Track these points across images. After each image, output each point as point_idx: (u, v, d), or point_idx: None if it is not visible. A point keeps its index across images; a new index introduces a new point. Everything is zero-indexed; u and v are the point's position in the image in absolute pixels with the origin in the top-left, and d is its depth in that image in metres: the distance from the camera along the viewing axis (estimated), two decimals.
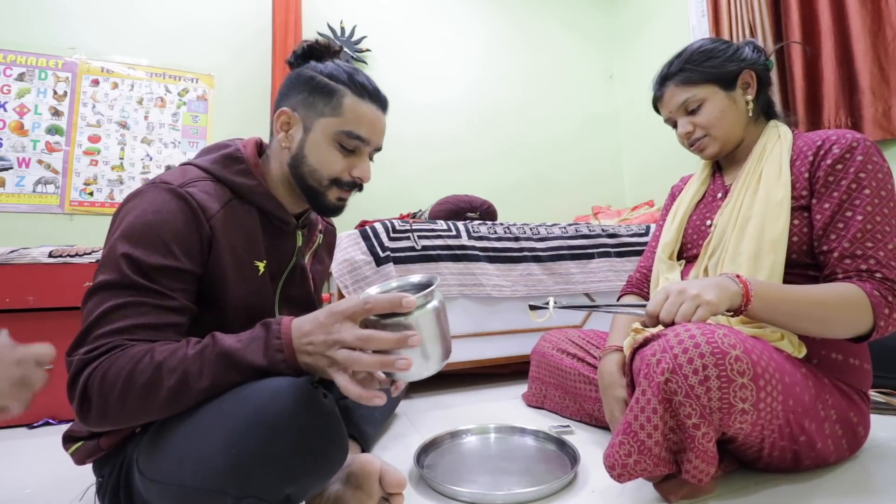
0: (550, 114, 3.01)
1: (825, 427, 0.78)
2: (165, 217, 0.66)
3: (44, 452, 1.11)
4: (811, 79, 1.91)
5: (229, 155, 0.78)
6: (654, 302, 0.75)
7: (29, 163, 1.99)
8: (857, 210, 0.80)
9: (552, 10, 3.10)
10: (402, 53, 2.70)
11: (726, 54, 0.94)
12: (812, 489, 0.77)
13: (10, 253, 1.36)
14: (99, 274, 0.63)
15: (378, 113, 0.80)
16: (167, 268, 0.64)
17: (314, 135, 0.77)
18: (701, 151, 0.98)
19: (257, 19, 2.41)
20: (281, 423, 0.54)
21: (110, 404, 0.57)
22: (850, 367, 0.84)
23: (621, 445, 0.69)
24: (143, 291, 0.62)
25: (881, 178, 0.81)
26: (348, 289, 1.44)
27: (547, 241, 1.71)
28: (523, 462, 0.93)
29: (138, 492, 0.63)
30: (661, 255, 1.05)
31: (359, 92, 0.78)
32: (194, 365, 0.57)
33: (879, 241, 0.78)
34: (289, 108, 0.78)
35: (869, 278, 0.78)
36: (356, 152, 0.79)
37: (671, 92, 0.97)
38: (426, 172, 2.66)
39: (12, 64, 2.00)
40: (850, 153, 0.82)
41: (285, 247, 0.84)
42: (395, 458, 0.97)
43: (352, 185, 0.80)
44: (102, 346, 0.59)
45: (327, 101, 0.77)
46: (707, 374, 0.65)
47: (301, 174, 0.78)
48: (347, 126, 0.77)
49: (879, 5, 1.70)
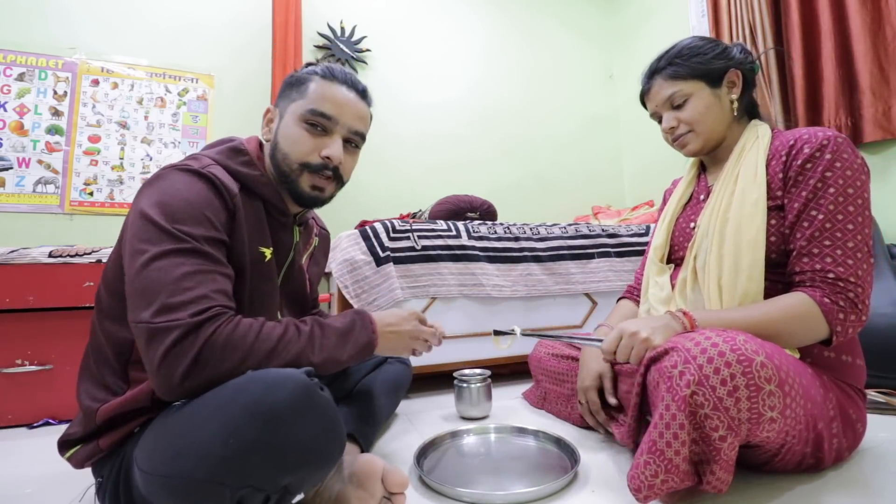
0: (550, 114, 3.01)
1: (832, 427, 0.78)
2: (199, 192, 0.69)
3: (44, 452, 1.11)
4: (811, 79, 1.91)
5: (234, 147, 0.81)
6: (609, 341, 0.81)
7: (29, 163, 1.99)
8: (821, 209, 0.80)
9: (552, 10, 3.10)
10: (402, 53, 2.70)
11: (714, 52, 0.95)
12: (813, 490, 0.77)
13: (10, 253, 1.36)
14: (148, 245, 0.63)
15: (347, 94, 0.82)
16: (213, 238, 0.67)
17: (284, 120, 0.82)
18: (683, 147, 0.99)
19: (257, 19, 2.41)
20: (279, 414, 0.54)
21: (226, 365, 0.60)
22: (843, 363, 0.84)
23: (647, 466, 0.65)
24: (206, 259, 0.65)
25: (849, 176, 0.81)
26: (348, 288, 1.44)
27: (547, 241, 1.71)
28: (523, 462, 0.93)
29: (138, 489, 0.63)
30: (653, 258, 1.06)
31: (326, 75, 0.82)
32: (311, 339, 0.68)
33: (838, 240, 0.78)
34: (272, 106, 0.86)
35: (821, 281, 0.78)
36: (326, 132, 0.81)
37: (658, 86, 0.98)
38: (426, 172, 2.66)
39: (12, 64, 2.00)
40: (820, 151, 0.82)
41: (285, 240, 0.86)
42: (395, 458, 0.97)
43: (322, 167, 0.80)
44: (206, 309, 0.61)
45: (298, 89, 0.82)
46: (736, 383, 0.62)
47: (277, 162, 0.81)
48: (311, 105, 0.79)
49: (879, 5, 1.70)
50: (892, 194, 1.70)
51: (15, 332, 1.34)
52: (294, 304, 0.93)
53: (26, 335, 1.35)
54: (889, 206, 1.69)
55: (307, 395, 0.57)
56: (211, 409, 0.56)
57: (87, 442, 0.70)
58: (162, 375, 0.59)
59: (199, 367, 0.59)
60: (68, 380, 1.36)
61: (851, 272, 0.77)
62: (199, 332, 0.59)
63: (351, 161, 0.86)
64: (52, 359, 1.37)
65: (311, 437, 0.57)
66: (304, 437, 0.56)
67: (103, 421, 0.68)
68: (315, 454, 0.59)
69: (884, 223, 1.62)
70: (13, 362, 1.33)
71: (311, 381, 0.58)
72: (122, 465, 0.68)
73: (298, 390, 0.56)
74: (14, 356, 1.34)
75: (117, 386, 0.70)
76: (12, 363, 1.33)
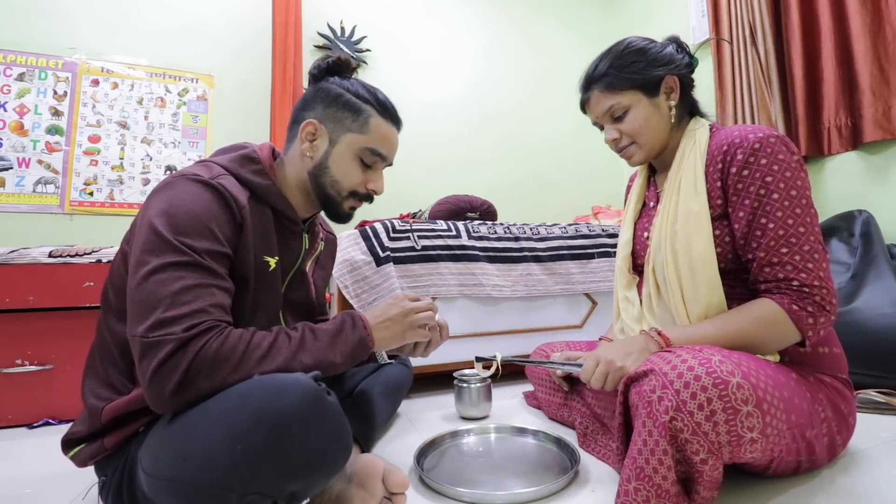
0: (551, 114, 3.01)
1: (823, 428, 0.77)
2: (206, 205, 0.68)
3: (44, 452, 1.11)
4: (811, 79, 1.91)
5: (246, 155, 0.81)
6: (586, 368, 0.85)
7: (29, 163, 1.99)
8: (770, 217, 0.80)
9: (552, 10, 3.10)
10: (402, 53, 2.70)
11: (648, 59, 0.92)
12: (812, 490, 0.77)
13: (10, 253, 1.37)
14: (151, 257, 0.63)
15: (396, 133, 0.89)
16: (216, 252, 0.67)
17: (339, 148, 0.83)
18: (629, 158, 0.98)
19: (257, 19, 2.41)
20: (286, 420, 0.54)
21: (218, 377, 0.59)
22: (821, 355, 0.84)
23: (637, 492, 0.65)
24: (206, 273, 0.65)
25: (789, 178, 0.80)
26: (348, 289, 1.44)
27: (547, 241, 1.71)
28: (523, 462, 0.93)
29: (141, 490, 0.63)
30: (622, 267, 1.06)
31: (383, 113, 0.85)
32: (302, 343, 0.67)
33: (794, 245, 0.78)
34: (316, 120, 0.83)
35: (787, 288, 0.78)
36: (373, 167, 0.86)
37: (596, 97, 0.96)
38: (426, 172, 2.66)
39: (12, 64, 2.00)
40: (754, 156, 0.81)
41: (293, 248, 0.86)
42: (395, 458, 0.97)
43: (366, 198, 0.87)
44: (200, 324, 0.60)
45: (355, 119, 0.83)
46: (713, 407, 0.62)
47: (322, 183, 0.83)
48: (372, 144, 0.83)
49: (879, 5, 1.70)
50: (892, 194, 1.70)
51: (15, 332, 1.34)
52: (299, 312, 0.92)
53: (26, 335, 1.35)
54: (889, 206, 1.69)
55: (315, 401, 0.56)
56: (217, 415, 0.56)
57: (91, 441, 0.70)
58: (153, 390, 0.58)
59: (190, 380, 0.58)
60: (68, 380, 1.36)
61: (814, 275, 0.77)
62: (188, 346, 0.58)
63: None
64: (52, 359, 1.37)
65: (319, 444, 0.57)
66: (311, 443, 0.56)
67: (109, 420, 0.68)
68: (322, 460, 0.58)
69: (884, 223, 1.62)
70: (13, 362, 1.33)
71: (318, 387, 0.58)
72: (126, 464, 0.68)
73: (306, 396, 0.56)
74: (14, 356, 1.34)
75: (123, 385, 0.70)
76: (12, 363, 1.33)
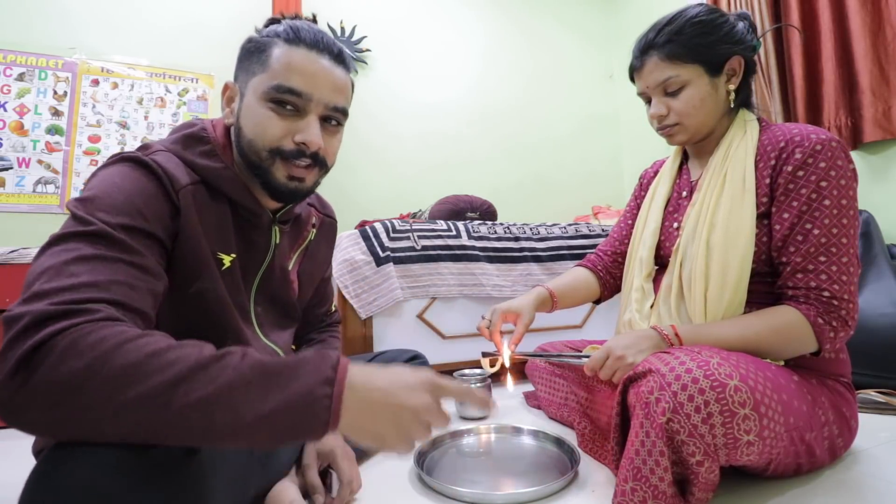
0: (550, 114, 3.01)
1: (824, 431, 0.77)
2: (133, 182, 0.58)
3: None
4: (811, 79, 1.91)
5: (192, 134, 0.68)
6: (594, 359, 0.82)
7: (29, 163, 1.99)
8: (816, 223, 0.77)
9: (552, 10, 3.10)
10: (402, 53, 2.70)
11: (720, 32, 0.86)
12: (812, 490, 0.77)
13: (10, 253, 1.37)
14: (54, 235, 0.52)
15: (319, 60, 0.67)
16: (136, 228, 0.55)
17: (246, 99, 0.67)
18: (669, 137, 0.93)
19: (257, 19, 2.39)
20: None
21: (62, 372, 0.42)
22: (827, 360, 0.83)
23: (634, 493, 0.65)
24: (115, 246, 0.52)
25: (843, 186, 0.77)
26: (348, 289, 1.44)
27: (547, 241, 1.71)
28: (523, 462, 0.93)
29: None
30: (646, 257, 1.01)
31: (290, 38, 0.66)
32: (204, 368, 0.44)
33: (833, 255, 0.76)
34: (231, 81, 0.71)
35: (815, 299, 0.77)
36: (299, 112, 0.66)
37: (653, 64, 0.88)
38: (426, 172, 2.66)
39: (12, 64, 2.00)
40: (813, 158, 0.78)
41: (259, 243, 0.74)
42: (395, 458, 0.97)
43: (298, 155, 0.66)
44: (80, 301, 0.45)
45: (258, 58, 0.67)
46: (710, 410, 0.62)
47: (243, 151, 0.68)
48: (276, 79, 0.64)
49: (879, 5, 1.70)
50: (892, 194, 1.70)
51: None
52: (276, 317, 0.80)
53: None
54: (889, 206, 1.69)
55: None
56: None
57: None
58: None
59: (31, 367, 0.42)
60: None
61: (845, 289, 0.76)
62: (46, 323, 0.43)
63: (333, 142, 0.72)
64: None
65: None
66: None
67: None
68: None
69: (884, 223, 1.62)
70: None
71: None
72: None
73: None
74: None
75: None
76: None
